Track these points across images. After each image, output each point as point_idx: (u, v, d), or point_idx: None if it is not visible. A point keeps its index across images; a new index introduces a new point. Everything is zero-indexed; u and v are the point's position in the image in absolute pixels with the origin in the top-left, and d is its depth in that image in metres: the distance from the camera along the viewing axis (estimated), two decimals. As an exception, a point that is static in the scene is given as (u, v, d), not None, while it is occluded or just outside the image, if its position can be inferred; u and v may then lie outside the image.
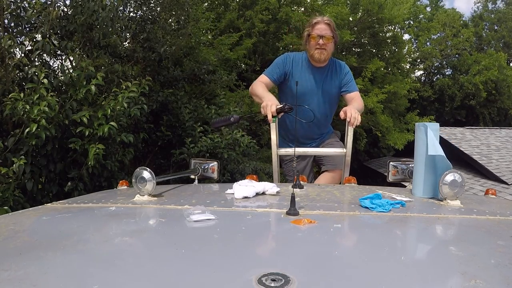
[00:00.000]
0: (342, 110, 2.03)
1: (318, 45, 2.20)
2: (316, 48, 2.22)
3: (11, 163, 2.70)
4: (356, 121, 1.94)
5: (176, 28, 5.46)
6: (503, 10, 20.22)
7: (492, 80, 16.29)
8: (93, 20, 3.55)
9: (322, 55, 2.22)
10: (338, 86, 2.37)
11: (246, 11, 10.43)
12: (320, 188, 1.58)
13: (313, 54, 2.24)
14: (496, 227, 1.02)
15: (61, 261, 0.71)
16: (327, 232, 0.93)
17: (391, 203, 1.20)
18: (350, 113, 1.95)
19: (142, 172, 1.37)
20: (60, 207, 1.21)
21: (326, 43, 2.21)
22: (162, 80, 5.21)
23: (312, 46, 2.24)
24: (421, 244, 0.94)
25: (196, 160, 1.95)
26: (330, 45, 2.24)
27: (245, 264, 0.74)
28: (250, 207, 1.17)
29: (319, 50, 2.21)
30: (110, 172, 3.44)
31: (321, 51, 2.22)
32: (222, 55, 7.51)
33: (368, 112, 11.11)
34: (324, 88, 2.35)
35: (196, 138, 4.67)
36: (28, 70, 3.00)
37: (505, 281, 0.64)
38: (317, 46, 2.21)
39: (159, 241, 0.87)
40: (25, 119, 2.78)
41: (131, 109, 3.42)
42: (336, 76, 2.36)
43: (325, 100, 2.39)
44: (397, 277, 0.68)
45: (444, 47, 18.02)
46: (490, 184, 8.20)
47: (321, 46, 2.20)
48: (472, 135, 11.44)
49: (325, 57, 2.24)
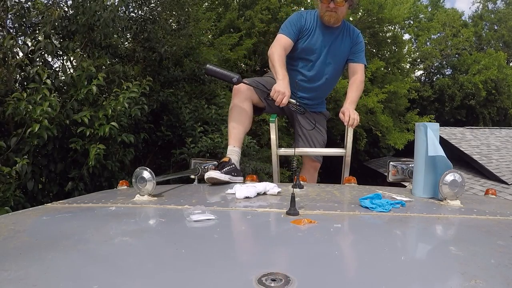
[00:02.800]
0: (341, 111, 2.02)
1: (329, 8, 2.11)
2: (326, 11, 2.13)
3: (13, 163, 2.70)
4: (355, 122, 1.95)
5: (177, 28, 5.46)
6: (503, 10, 20.23)
7: (492, 80, 16.29)
8: (94, 21, 3.56)
9: (331, 18, 2.14)
10: (345, 52, 2.28)
11: (246, 11, 10.44)
12: (320, 188, 1.58)
13: (323, 16, 2.16)
14: (496, 227, 1.02)
15: (61, 261, 0.71)
16: (327, 232, 0.93)
17: (391, 203, 1.20)
18: (348, 114, 1.95)
19: (142, 172, 1.37)
20: (60, 207, 1.21)
21: (337, 6, 2.11)
22: (162, 80, 5.22)
23: (322, 8, 2.15)
24: (421, 244, 0.94)
25: (196, 160, 1.95)
26: (341, 9, 2.13)
27: (245, 264, 0.74)
28: (250, 207, 1.17)
29: (329, 12, 2.12)
30: (111, 172, 3.44)
31: (330, 14, 2.13)
32: (222, 55, 7.51)
33: (368, 112, 11.12)
34: (331, 49, 2.25)
35: (196, 138, 4.67)
36: (30, 70, 3.01)
37: (505, 281, 0.64)
38: (328, 8, 2.12)
39: (159, 241, 0.87)
40: (27, 119, 2.78)
41: (132, 109, 3.42)
42: (347, 41, 2.27)
43: (329, 61, 2.30)
44: (397, 277, 0.68)
45: (444, 47, 18.02)
46: (490, 184, 8.20)
47: (332, 9, 2.11)
48: (472, 135, 11.44)
49: (334, 21, 2.15)
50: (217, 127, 5.00)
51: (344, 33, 2.27)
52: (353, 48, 2.29)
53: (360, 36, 2.33)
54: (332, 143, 8.54)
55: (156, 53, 4.84)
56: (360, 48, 2.31)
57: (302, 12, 2.29)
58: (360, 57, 2.30)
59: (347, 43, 2.27)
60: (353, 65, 2.29)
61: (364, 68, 2.33)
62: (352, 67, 2.29)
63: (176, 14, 5.48)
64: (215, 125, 5.09)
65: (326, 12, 2.14)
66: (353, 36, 2.29)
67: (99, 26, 3.64)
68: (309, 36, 2.24)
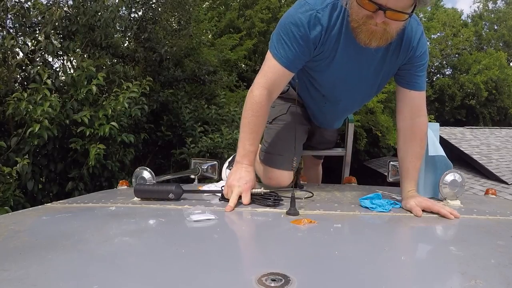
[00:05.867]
0: (407, 205, 1.17)
1: (373, 22, 1.11)
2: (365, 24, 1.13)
3: (13, 163, 2.70)
4: (454, 213, 1.09)
5: (178, 29, 5.47)
6: (503, 10, 20.23)
7: (492, 80, 16.28)
8: (95, 21, 3.57)
9: (374, 40, 1.16)
10: (393, 72, 1.37)
11: (246, 11, 10.44)
12: (320, 188, 1.58)
13: (357, 30, 1.17)
14: (496, 227, 1.02)
15: (61, 261, 0.71)
16: (327, 232, 0.93)
17: (391, 203, 1.20)
18: (429, 206, 1.13)
19: (142, 172, 1.37)
20: (60, 207, 1.21)
21: (392, 19, 1.08)
22: (162, 80, 5.22)
23: (360, 17, 1.13)
24: (421, 244, 0.94)
25: (196, 160, 1.95)
26: (397, 24, 1.12)
27: (245, 264, 0.74)
28: (250, 207, 1.17)
29: (373, 29, 1.13)
30: (111, 172, 3.44)
31: (374, 32, 1.14)
32: (222, 55, 7.52)
33: (368, 112, 11.11)
34: (369, 77, 1.38)
35: (196, 138, 4.68)
36: (30, 70, 3.01)
37: (505, 281, 0.64)
38: (371, 22, 1.11)
39: (159, 241, 0.87)
40: (27, 119, 2.78)
41: (132, 109, 3.43)
42: (397, 57, 1.30)
43: (365, 95, 1.52)
44: (397, 277, 0.68)
45: (444, 47, 18.01)
46: (490, 184, 8.19)
47: (378, 25, 1.11)
48: (472, 134, 11.43)
49: (378, 43, 1.18)
50: (217, 127, 5.01)
51: (394, 48, 1.28)
52: (408, 65, 1.32)
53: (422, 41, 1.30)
54: (332, 143, 8.52)
55: (156, 54, 4.85)
56: (423, 63, 1.32)
57: (317, 13, 1.20)
58: (421, 80, 1.34)
59: (399, 59, 1.31)
60: (411, 94, 1.33)
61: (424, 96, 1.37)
62: (407, 97, 1.34)
63: (177, 15, 5.49)
64: (215, 125, 5.10)
65: (365, 26, 1.14)
66: (410, 46, 1.28)
67: (99, 27, 3.64)
68: (327, 62, 1.31)
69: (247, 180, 1.22)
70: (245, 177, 1.23)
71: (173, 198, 1.22)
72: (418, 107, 1.34)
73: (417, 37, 1.28)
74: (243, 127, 1.31)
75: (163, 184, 1.30)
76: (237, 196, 1.16)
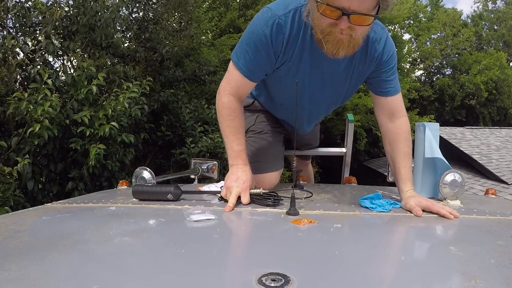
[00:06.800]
0: (407, 205, 1.17)
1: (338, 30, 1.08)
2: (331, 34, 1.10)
3: (14, 162, 2.70)
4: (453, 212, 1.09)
5: (178, 29, 5.47)
6: (503, 10, 20.24)
7: (492, 80, 16.30)
8: (95, 21, 3.57)
9: (340, 49, 1.13)
10: (361, 80, 1.37)
11: (246, 11, 10.43)
12: (320, 188, 1.58)
13: (322, 41, 1.13)
14: (496, 227, 1.02)
15: (61, 261, 0.71)
16: (327, 232, 0.93)
17: (391, 203, 1.20)
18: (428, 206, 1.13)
19: (142, 172, 1.37)
20: (60, 207, 1.21)
21: (356, 25, 1.06)
22: (163, 80, 5.23)
23: (322, 24, 1.09)
24: (421, 244, 0.94)
25: (196, 160, 1.95)
26: (363, 29, 1.11)
27: (245, 264, 0.74)
28: (250, 207, 1.17)
29: (338, 37, 1.10)
30: (111, 172, 3.45)
31: (340, 41, 1.11)
32: (223, 55, 7.52)
33: (368, 112, 11.10)
34: (334, 85, 1.36)
35: (196, 138, 4.68)
36: (31, 70, 3.01)
37: (505, 281, 0.64)
38: (336, 30, 1.08)
39: (159, 241, 0.87)
40: (27, 119, 2.79)
41: (132, 109, 3.43)
42: (364, 64, 1.29)
43: (331, 102, 1.50)
44: (397, 277, 0.68)
45: (444, 47, 18.03)
46: (490, 184, 8.19)
47: (344, 32, 1.08)
48: (472, 134, 11.43)
49: (345, 52, 1.15)
50: (217, 127, 5.00)
51: (360, 54, 1.27)
52: (377, 72, 1.31)
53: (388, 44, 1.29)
54: (332, 143, 8.54)
55: (157, 54, 4.85)
56: (391, 67, 1.32)
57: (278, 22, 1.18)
58: (394, 83, 1.34)
59: (367, 66, 1.31)
60: (386, 101, 1.33)
61: (401, 98, 1.38)
62: (384, 103, 1.34)
63: (178, 15, 5.49)
64: (215, 125, 5.10)
65: (330, 36, 1.10)
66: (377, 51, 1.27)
67: (100, 27, 3.65)
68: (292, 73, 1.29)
69: (244, 180, 1.24)
70: (242, 177, 1.25)
71: (172, 199, 1.22)
72: (396, 110, 1.35)
73: (382, 41, 1.27)
74: (224, 133, 1.32)
75: (161, 185, 1.30)
76: (236, 196, 1.17)
